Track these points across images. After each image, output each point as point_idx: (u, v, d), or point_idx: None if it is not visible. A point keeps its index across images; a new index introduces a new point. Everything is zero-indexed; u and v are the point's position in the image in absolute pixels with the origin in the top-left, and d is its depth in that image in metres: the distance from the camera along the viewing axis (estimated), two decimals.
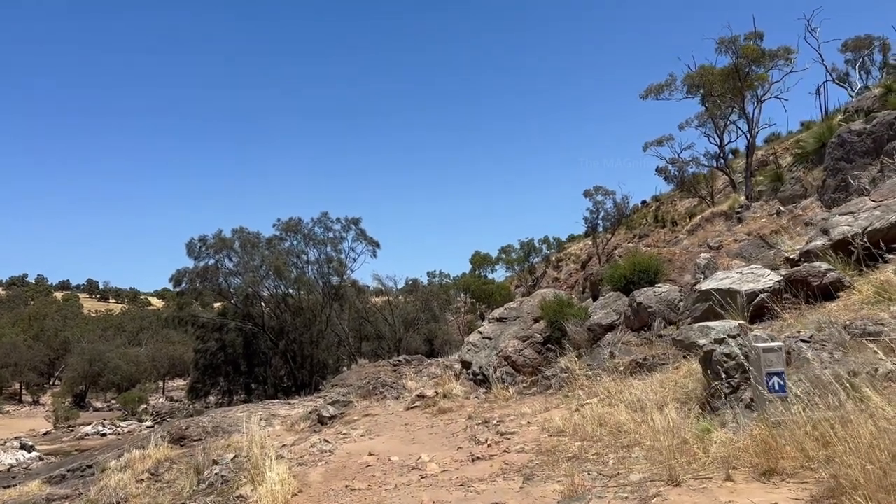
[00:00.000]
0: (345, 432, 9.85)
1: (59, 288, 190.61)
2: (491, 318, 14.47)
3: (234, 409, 19.60)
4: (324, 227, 33.32)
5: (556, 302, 13.03)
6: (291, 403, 20.30)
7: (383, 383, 19.38)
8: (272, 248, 31.42)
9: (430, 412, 10.61)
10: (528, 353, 12.75)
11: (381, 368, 26.63)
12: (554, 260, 76.18)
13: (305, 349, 30.51)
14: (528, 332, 13.41)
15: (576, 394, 8.86)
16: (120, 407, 68.68)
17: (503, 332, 13.90)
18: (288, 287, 31.38)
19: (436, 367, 23.65)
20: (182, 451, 14.28)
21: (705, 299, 9.13)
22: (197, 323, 32.19)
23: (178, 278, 29.53)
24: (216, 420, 16.14)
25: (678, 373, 8.04)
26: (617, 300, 12.25)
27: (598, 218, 59.13)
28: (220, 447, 13.27)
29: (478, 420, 8.94)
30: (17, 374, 79.07)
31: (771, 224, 25.31)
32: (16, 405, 76.73)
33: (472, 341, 14.16)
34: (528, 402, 9.59)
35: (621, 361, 9.31)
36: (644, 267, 12.01)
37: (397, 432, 9.47)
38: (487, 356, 13.61)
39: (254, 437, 12.80)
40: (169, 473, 11.92)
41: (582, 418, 7.32)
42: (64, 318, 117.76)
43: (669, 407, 6.56)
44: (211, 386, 32.84)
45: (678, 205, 77.12)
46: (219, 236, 30.36)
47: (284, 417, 17.60)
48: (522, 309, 14.15)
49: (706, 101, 41.66)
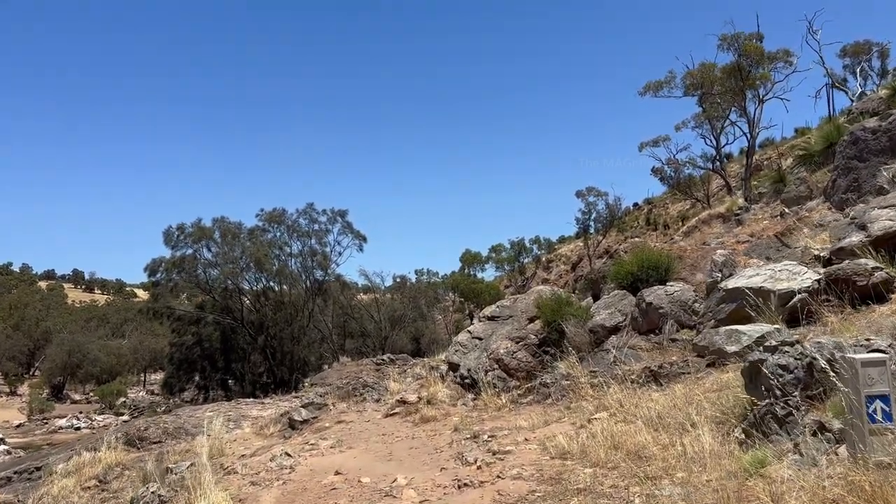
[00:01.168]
0: (313, 442, 8.56)
1: (44, 277, 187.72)
2: (482, 317, 13.21)
3: (204, 408, 18.26)
4: (309, 218, 31.97)
5: (554, 300, 11.80)
6: (265, 403, 18.99)
7: (364, 384, 18.09)
8: (254, 240, 29.97)
9: (411, 420, 9.34)
10: (523, 355, 11.50)
11: (364, 367, 25.35)
12: (544, 261, 75.17)
13: (285, 345, 29.11)
14: (523, 333, 12.16)
15: (580, 405, 7.62)
16: (98, 400, 66.94)
17: (495, 332, 12.64)
18: (269, 280, 29.99)
19: (421, 367, 22.34)
20: (139, 454, 12.95)
21: (731, 299, 7.92)
22: (173, 315, 30.70)
23: (153, 268, 28.04)
24: (180, 421, 14.81)
25: (702, 384, 6.81)
26: (622, 299, 11.03)
27: (589, 219, 57.98)
28: (179, 452, 11.97)
29: (465, 433, 7.68)
30: None
31: (774, 226, 24.19)
32: None
33: (461, 341, 12.89)
34: (523, 412, 8.34)
35: (632, 369, 8.07)
36: (654, 263, 10.81)
37: (372, 444, 8.19)
38: (477, 358, 12.34)
39: (213, 444, 11.53)
40: (118, 481, 10.61)
41: (591, 437, 6.08)
42: (47, 308, 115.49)
43: (703, 428, 5.33)
44: (186, 381, 31.37)
45: (670, 208, 76.42)
46: (198, 225, 28.90)
47: (255, 419, 16.28)
48: (516, 307, 12.90)
49: (704, 102, 40.84)
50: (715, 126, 42.04)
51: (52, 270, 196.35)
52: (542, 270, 72.48)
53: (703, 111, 41.74)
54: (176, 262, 28.17)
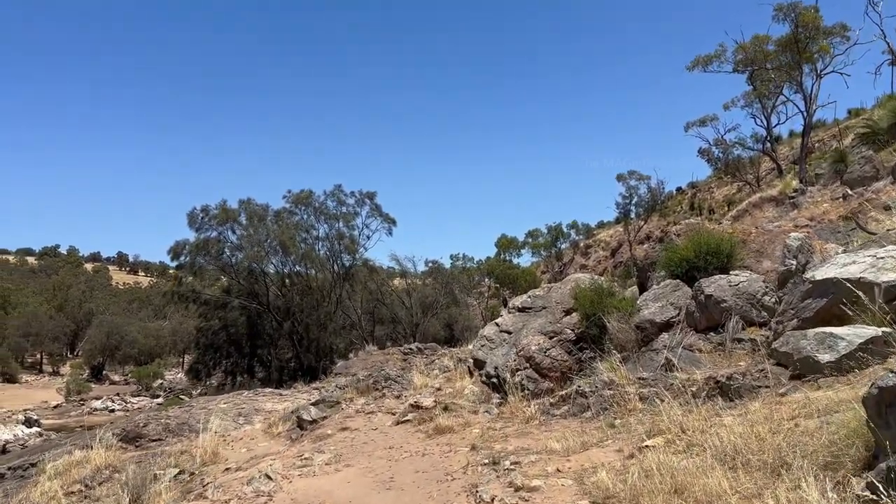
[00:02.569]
0: (307, 456, 7.26)
1: (90, 260, 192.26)
2: (511, 308, 11.75)
3: (219, 399, 17.27)
4: (337, 200, 30.77)
5: (593, 290, 10.27)
6: (283, 395, 17.91)
7: (386, 377, 16.82)
8: (280, 222, 28.96)
9: (424, 431, 7.97)
10: (557, 353, 10.03)
11: (390, 357, 24.12)
12: (582, 246, 73.06)
13: (312, 332, 28.11)
14: (557, 327, 10.68)
15: (627, 423, 6.15)
16: (135, 381, 67.65)
17: (526, 325, 11.18)
18: (295, 264, 28.94)
19: (449, 358, 21.01)
20: (135, 452, 11.94)
21: (820, 293, 6.32)
22: (199, 300, 29.99)
23: (176, 251, 27.24)
24: (186, 415, 13.76)
25: (789, 405, 5.27)
26: (675, 291, 9.44)
27: (630, 203, 55.79)
28: (174, 454, 10.86)
29: (484, 454, 6.27)
30: (38, 343, 78.50)
31: (836, 209, 22.06)
32: (36, 375, 76.37)
33: (487, 335, 11.47)
34: (556, 427, 6.88)
35: (692, 378, 6.54)
36: (713, 248, 9.19)
37: (375, 461, 6.85)
38: (505, 355, 10.91)
39: (208, 446, 10.40)
40: (104, 487, 9.53)
41: (645, 475, 4.61)
42: (91, 290, 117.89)
43: (803, 474, 3.83)
44: (213, 367, 30.70)
45: (716, 192, 73.49)
46: (223, 207, 27.97)
47: (269, 413, 15.19)
48: (550, 297, 11.40)
49: (754, 80, 38.62)
50: (766, 105, 39.91)
51: (97, 253, 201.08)
52: (580, 256, 70.53)
53: (754, 89, 39.54)
54: (200, 244, 27.34)
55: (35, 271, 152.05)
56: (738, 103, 42.06)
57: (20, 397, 55.60)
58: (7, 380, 65.95)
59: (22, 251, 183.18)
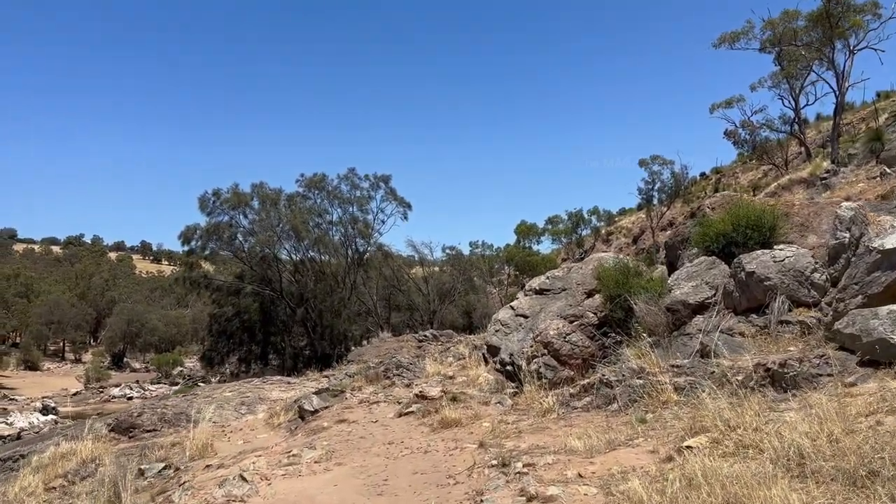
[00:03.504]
0: (295, 452, 6.45)
1: (113, 249, 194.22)
2: (528, 290, 10.83)
3: (224, 388, 16.61)
4: (350, 184, 29.97)
5: (619, 270, 9.32)
6: (291, 383, 17.20)
7: (398, 364, 16.02)
8: (292, 206, 28.21)
9: (428, 424, 7.12)
10: (578, 338, 9.12)
11: (404, 344, 23.33)
12: (604, 233, 71.68)
13: (326, 318, 27.40)
14: (578, 311, 9.75)
15: (661, 418, 5.24)
16: (156, 368, 67.82)
17: (544, 308, 10.27)
18: (308, 249, 28.19)
19: (465, 345, 20.15)
20: (127, 444, 11.27)
21: (893, 265, 5.34)
22: (211, 286, 29.42)
23: (187, 235, 26.63)
24: (185, 404, 13.07)
25: (862, 397, 4.33)
26: (711, 269, 8.45)
27: (653, 189, 54.25)
28: (165, 446, 10.16)
29: (493, 453, 5.40)
30: (60, 331, 78.99)
31: (874, 187, 20.81)
32: (58, 362, 76.99)
33: (503, 319, 10.58)
34: (577, 422, 5.99)
35: (736, 365, 5.60)
36: (754, 221, 8.18)
37: (370, 460, 6.02)
38: (521, 341, 10.02)
39: (200, 438, 9.66)
40: (87, 482, 8.83)
41: (687, 482, 3.71)
42: (113, 278, 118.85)
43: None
44: (227, 354, 30.17)
45: (741, 177, 71.63)
46: (234, 190, 27.31)
47: (274, 402, 14.46)
48: (571, 278, 10.46)
49: (782, 60, 37.23)
50: (794, 85, 38.49)
51: (121, 242, 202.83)
52: (602, 243, 69.22)
53: (782, 69, 38.17)
54: (211, 229, 26.69)
55: (60, 260, 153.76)
56: (766, 84, 40.66)
57: (41, 385, 55.89)
58: (29, 367, 66.48)
59: (47, 240, 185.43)
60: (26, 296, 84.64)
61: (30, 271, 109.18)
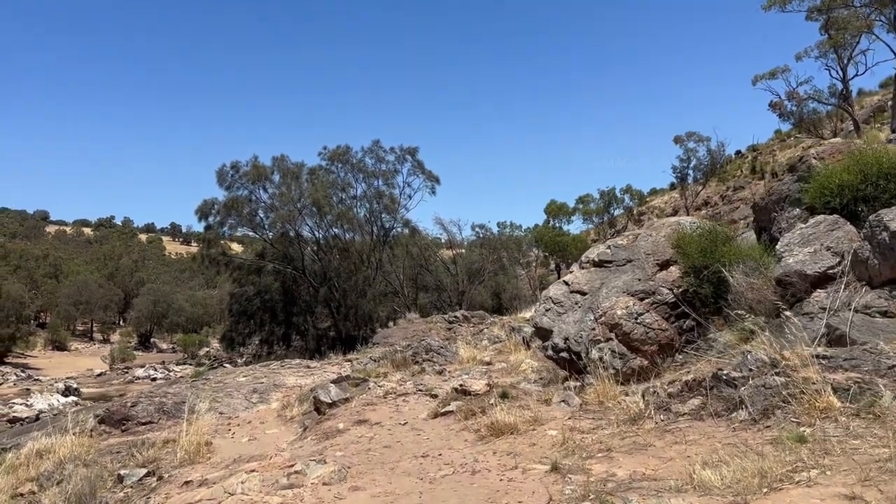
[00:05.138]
0: (298, 469, 4.81)
1: (144, 230, 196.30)
2: (585, 262, 9.05)
3: (237, 372, 15.19)
4: (375, 157, 28.23)
5: (705, 235, 7.52)
6: (311, 368, 15.71)
7: (427, 348, 14.42)
8: (315, 180, 26.63)
9: (473, 429, 5.45)
10: (652, 319, 7.36)
11: (433, 325, 21.81)
12: (635, 213, 69.17)
13: (350, 298, 25.87)
14: (649, 286, 7.98)
15: (827, 435, 3.50)
16: (181, 349, 67.48)
17: (605, 283, 8.51)
18: (331, 225, 26.61)
19: (500, 327, 18.51)
20: (119, 439, 9.82)
21: None
22: (231, 264, 28.06)
23: (204, 210, 25.21)
24: (189, 392, 11.60)
25: None
26: (832, 230, 6.61)
27: (688, 167, 51.84)
28: (156, 445, 8.63)
29: (576, 483, 3.72)
30: (88, 312, 79.16)
31: None
32: (87, 343, 77.24)
33: (555, 297, 8.83)
34: (692, 437, 4.25)
35: None
36: (890, 169, 6.34)
37: (398, 481, 4.39)
38: (579, 322, 8.29)
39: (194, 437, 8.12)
40: (57, 490, 7.39)
41: None
42: (143, 259, 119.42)
43: None
44: (247, 335, 28.87)
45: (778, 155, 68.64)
46: (254, 163, 25.77)
47: (290, 390, 12.94)
48: (637, 248, 8.67)
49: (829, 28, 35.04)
50: (842, 55, 36.28)
51: (151, 224, 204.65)
52: (633, 224, 66.86)
53: (829, 38, 35.96)
54: (230, 204, 25.21)
55: (91, 242, 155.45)
56: (812, 53, 38.46)
57: (66, 365, 55.67)
58: (56, 347, 66.54)
59: (78, 222, 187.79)
60: (55, 276, 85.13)
61: (59, 252, 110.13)
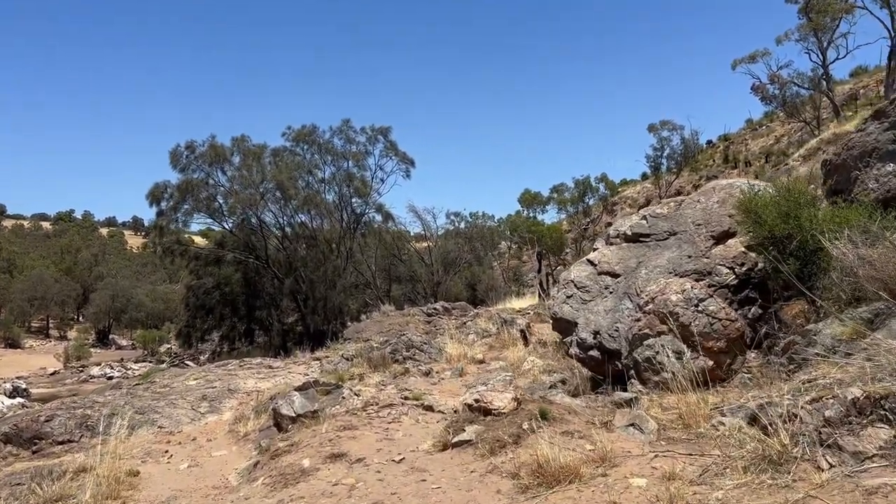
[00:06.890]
0: None
1: (105, 224, 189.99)
2: (615, 236, 7.23)
3: (186, 374, 13.09)
4: (345, 138, 26.14)
5: (784, 198, 5.77)
6: (273, 368, 13.69)
7: (408, 344, 12.52)
8: (278, 162, 24.44)
9: (507, 471, 3.59)
10: (718, 307, 5.59)
11: (411, 319, 19.86)
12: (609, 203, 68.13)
13: (318, 290, 23.81)
14: (704, 265, 6.24)
15: None
16: (141, 346, 64.41)
17: (643, 262, 6.71)
18: (297, 211, 24.47)
19: (486, 319, 16.67)
20: (26, 463, 7.76)
21: None
22: (187, 253, 25.74)
23: (155, 194, 22.78)
24: (122, 400, 9.54)
25: None
26: None
27: (662, 156, 51.07)
28: (71, 472, 6.69)
29: None
30: (43, 307, 75.42)
31: None
32: (42, 339, 73.53)
33: (578, 280, 7.00)
34: None
35: None
36: None
37: None
38: (611, 312, 6.49)
39: (110, 470, 6.12)
40: None
41: None
42: (103, 254, 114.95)
43: None
44: (206, 331, 26.62)
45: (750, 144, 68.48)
46: (211, 144, 23.50)
47: (248, 394, 10.95)
48: (683, 217, 6.89)
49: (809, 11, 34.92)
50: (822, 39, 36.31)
51: (113, 218, 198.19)
52: (606, 214, 65.93)
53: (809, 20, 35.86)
54: (184, 187, 22.89)
55: (49, 236, 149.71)
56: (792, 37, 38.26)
57: (18, 363, 52.40)
58: (10, 345, 62.92)
59: (37, 216, 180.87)
60: (9, 271, 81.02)
61: (14, 246, 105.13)
